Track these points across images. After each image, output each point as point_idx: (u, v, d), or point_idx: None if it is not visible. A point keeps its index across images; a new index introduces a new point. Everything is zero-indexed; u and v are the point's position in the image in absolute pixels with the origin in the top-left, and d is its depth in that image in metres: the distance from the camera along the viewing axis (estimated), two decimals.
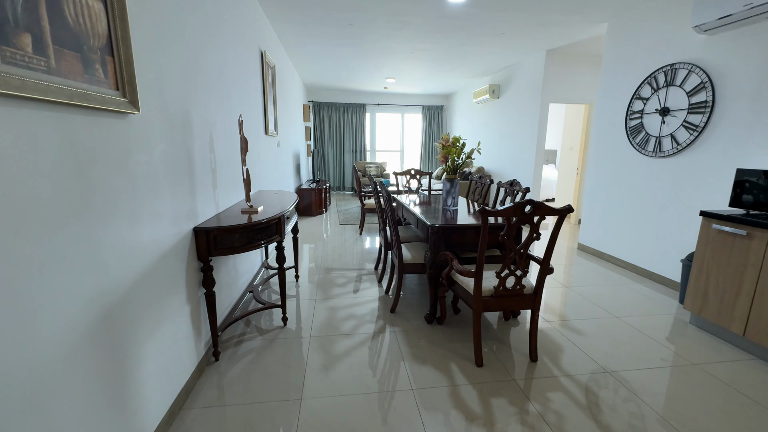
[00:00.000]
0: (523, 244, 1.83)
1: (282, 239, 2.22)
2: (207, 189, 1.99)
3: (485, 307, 1.92)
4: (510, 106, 5.85)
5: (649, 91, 3.22)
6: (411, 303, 2.74)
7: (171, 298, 1.55)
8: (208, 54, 2.02)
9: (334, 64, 5.88)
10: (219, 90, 2.20)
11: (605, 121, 3.79)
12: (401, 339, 2.22)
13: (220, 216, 2.08)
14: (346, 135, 8.91)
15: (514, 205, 1.70)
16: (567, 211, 1.75)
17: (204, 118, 1.95)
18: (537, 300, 1.96)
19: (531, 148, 5.22)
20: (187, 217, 1.71)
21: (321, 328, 2.35)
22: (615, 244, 3.69)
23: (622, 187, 3.58)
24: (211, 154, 2.05)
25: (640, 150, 3.32)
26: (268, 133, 3.62)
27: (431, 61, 5.53)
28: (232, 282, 2.45)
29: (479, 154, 2.87)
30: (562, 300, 2.83)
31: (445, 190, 2.88)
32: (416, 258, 2.52)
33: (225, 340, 2.20)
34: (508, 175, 5.94)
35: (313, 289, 2.97)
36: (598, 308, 2.68)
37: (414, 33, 4.21)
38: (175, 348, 1.59)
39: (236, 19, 2.62)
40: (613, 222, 3.70)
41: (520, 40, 4.44)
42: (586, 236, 4.12)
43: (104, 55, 1.11)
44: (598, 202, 3.92)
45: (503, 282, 1.89)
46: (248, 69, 2.96)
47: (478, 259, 1.82)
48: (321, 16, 3.70)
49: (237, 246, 1.90)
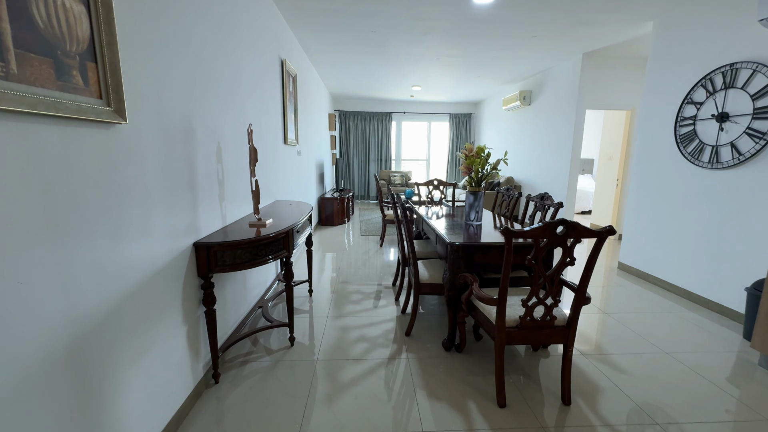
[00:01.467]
0: (554, 269, 1.59)
1: (290, 255, 2.10)
2: (212, 201, 1.90)
3: (509, 339, 1.69)
4: (542, 113, 5.53)
5: (704, 94, 2.86)
6: (429, 325, 2.53)
7: (163, 319, 1.45)
8: (217, 61, 1.95)
9: (358, 73, 5.82)
10: (230, 98, 2.13)
11: (651, 129, 3.43)
12: (415, 368, 2.01)
13: (227, 229, 1.99)
14: (371, 144, 8.84)
15: (543, 226, 1.48)
16: (607, 234, 1.50)
17: (211, 128, 1.87)
18: (571, 334, 1.70)
19: (565, 157, 4.87)
20: (186, 232, 1.62)
21: (330, 350, 2.19)
22: (662, 265, 3.29)
23: (671, 201, 3.20)
24: (218, 165, 1.97)
25: (693, 160, 2.95)
26: (287, 143, 3.56)
27: (458, 67, 5.33)
28: (240, 297, 2.35)
29: (506, 165, 2.64)
30: (599, 328, 2.52)
31: (468, 204, 2.67)
32: (434, 277, 2.32)
33: (230, 359, 2.09)
34: (540, 187, 5.59)
35: (327, 305, 2.83)
36: (643, 340, 2.35)
37: (439, 38, 4.05)
38: (167, 372, 1.48)
39: (253, 28, 2.58)
40: (660, 240, 3.31)
41: (553, 43, 4.16)
42: (628, 255, 3.74)
43: (85, 60, 1.03)
44: (642, 216, 3.54)
45: (530, 312, 1.66)
46: (266, 77, 2.91)
47: (501, 284, 1.60)
48: (342, 24, 3.63)
49: (239, 262, 1.79)
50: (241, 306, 2.37)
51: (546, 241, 1.52)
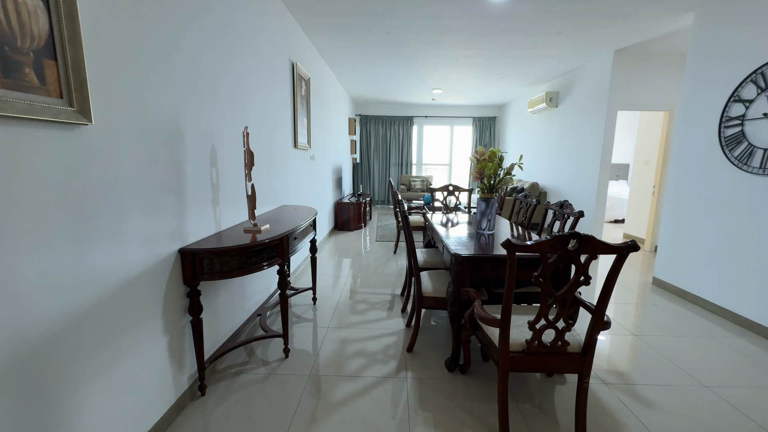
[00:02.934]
0: (566, 290, 1.39)
1: (284, 262, 2.01)
2: (203, 206, 1.84)
3: (513, 365, 1.50)
4: (570, 116, 5.20)
5: (754, 91, 2.53)
6: (435, 340, 2.36)
7: (138, 328, 1.38)
8: (215, 65, 1.91)
9: (377, 76, 5.74)
10: (229, 102, 2.08)
11: (690, 130, 3.10)
12: (413, 390, 1.85)
13: (222, 235, 1.93)
14: (392, 148, 8.74)
15: (552, 239, 1.29)
16: (629, 250, 1.29)
17: (204, 131, 1.82)
18: (586, 362, 1.49)
19: (594, 162, 4.53)
20: (169, 238, 1.56)
21: (325, 364, 2.07)
22: (704, 283, 2.94)
23: (715, 211, 2.85)
24: (212, 169, 1.92)
25: (741, 165, 2.61)
26: (297, 147, 3.51)
27: (479, 68, 5.13)
28: (237, 304, 2.29)
29: (521, 169, 2.44)
30: (627, 353, 2.25)
31: (479, 211, 2.48)
32: (438, 290, 2.15)
33: (222, 368, 2.02)
34: (567, 193, 5.25)
35: (329, 315, 2.72)
36: (679, 370, 2.06)
37: (457, 38, 3.89)
38: (143, 384, 1.42)
39: (258, 31, 2.54)
40: (702, 254, 2.96)
41: (581, 40, 3.89)
42: (663, 269, 3.38)
43: (41, 57, 0.97)
44: (680, 227, 3.19)
45: (538, 336, 1.46)
46: (274, 81, 2.87)
47: (504, 303, 1.42)
48: (354, 25, 3.55)
49: (227, 270, 1.71)
50: (238, 314, 2.30)
51: (556, 256, 1.33)
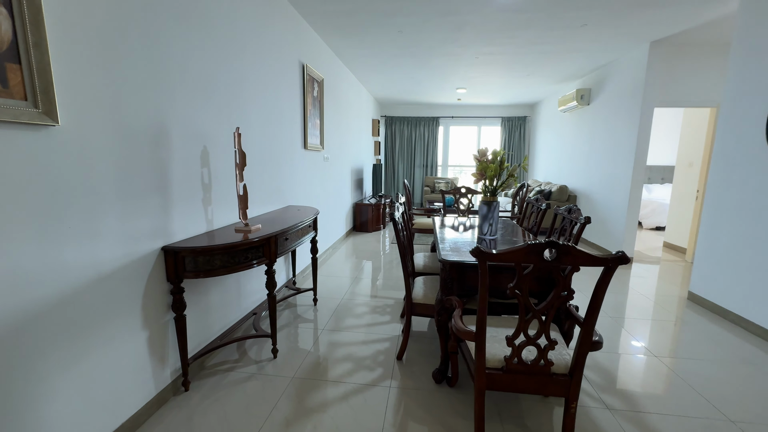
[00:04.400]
0: (546, 303, 1.26)
1: (271, 262, 2.01)
2: (193, 205, 1.88)
3: (490, 383, 1.38)
4: (602, 114, 4.84)
5: None
6: (428, 349, 2.25)
7: (112, 324, 1.42)
8: (208, 64, 1.95)
9: (398, 77, 5.68)
10: (224, 101, 2.12)
11: (733, 128, 2.75)
12: (394, 401, 1.77)
13: (212, 234, 1.97)
14: (417, 149, 8.63)
15: (526, 247, 1.17)
16: (616, 262, 1.14)
17: (194, 131, 1.86)
18: (573, 385, 1.34)
19: (627, 163, 4.17)
20: (151, 236, 1.60)
21: (311, 367, 2.05)
22: (747, 301, 2.59)
23: (760, 219, 2.50)
24: (203, 169, 1.96)
25: None
26: (307, 148, 3.53)
27: (501, 66, 4.91)
28: (231, 302, 2.32)
29: (525, 171, 2.27)
30: (641, 376, 2.02)
31: (480, 215, 2.35)
32: (428, 297, 2.05)
33: (212, 365, 2.06)
34: (598, 197, 4.88)
35: (327, 317, 2.70)
36: (702, 400, 1.81)
37: (474, 34, 3.74)
38: (118, 378, 1.46)
39: (263, 32, 2.57)
40: (745, 267, 2.61)
41: (611, 32, 3.59)
42: (700, 283, 3.03)
43: (3, 62, 1.02)
44: (720, 238, 2.84)
45: (518, 352, 1.34)
46: (280, 82, 2.90)
47: (479, 315, 1.31)
48: (367, 25, 3.52)
49: (210, 269, 1.73)
50: (232, 311, 2.33)
51: (533, 267, 1.20)
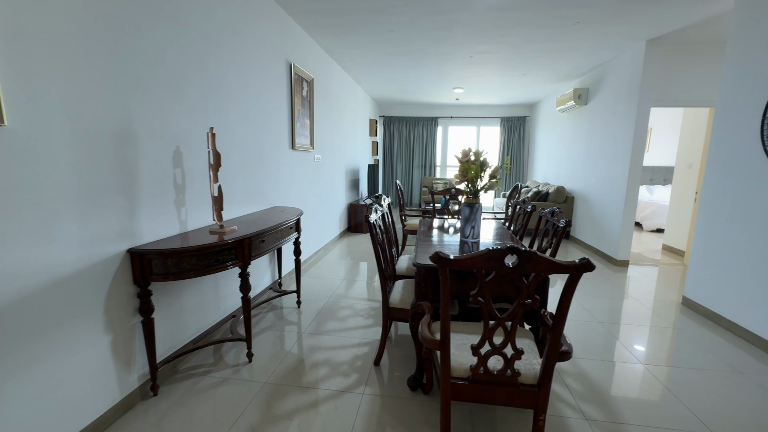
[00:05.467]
0: (511, 311, 1.20)
1: (245, 265, 1.97)
2: (164, 206, 1.85)
3: (456, 394, 1.33)
4: (600, 114, 4.75)
5: None
6: (408, 354, 2.20)
7: (70, 327, 1.39)
8: (182, 64, 1.91)
9: (393, 76, 5.63)
10: (200, 101, 2.09)
11: (728, 128, 2.67)
12: (365, 409, 1.72)
13: (187, 236, 1.93)
14: (415, 149, 8.57)
15: (486, 253, 1.12)
16: (581, 269, 1.08)
17: (165, 130, 1.83)
18: (541, 397, 1.28)
19: (624, 164, 4.09)
20: (116, 238, 1.57)
21: (285, 372, 2.01)
22: (741, 307, 2.51)
23: (754, 224, 2.42)
24: (175, 170, 1.93)
25: None
26: (295, 148, 3.50)
27: (496, 65, 4.84)
28: (209, 305, 2.29)
29: (506, 172, 2.22)
30: (626, 384, 1.95)
31: (463, 218, 2.29)
32: (405, 302, 2.00)
33: (185, 369, 2.02)
34: (596, 198, 4.80)
35: (309, 320, 2.66)
36: (686, 411, 1.75)
37: (465, 33, 3.68)
38: (75, 383, 1.42)
39: (244, 31, 2.54)
40: (739, 272, 2.53)
41: (605, 30, 3.51)
42: (694, 288, 2.95)
43: None
44: (714, 242, 2.76)
45: (483, 362, 1.28)
46: (264, 81, 2.87)
47: (442, 324, 1.26)
48: (355, 24, 3.47)
49: (179, 272, 1.70)
50: (209, 314, 2.30)
51: (495, 273, 1.15)
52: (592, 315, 2.81)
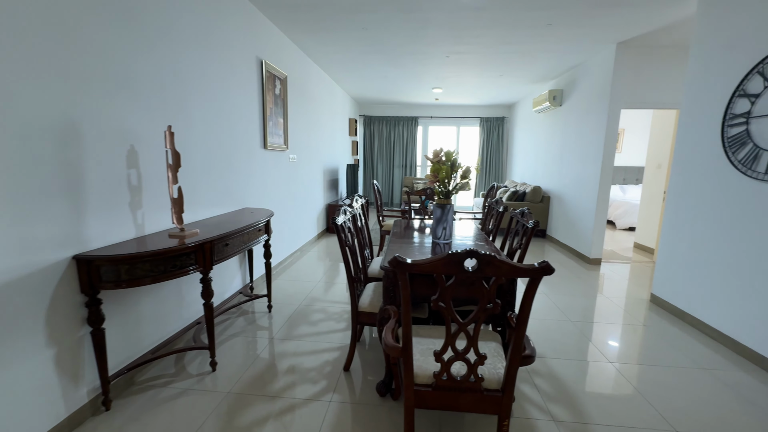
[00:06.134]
0: (473, 316, 1.17)
1: (206, 270, 1.88)
2: (117, 209, 1.74)
3: (420, 401, 1.29)
4: (574, 115, 4.84)
5: (761, 84, 2.18)
6: (380, 358, 2.16)
7: (4, 342, 1.28)
8: (137, 60, 1.81)
9: (371, 75, 5.58)
10: (158, 98, 1.98)
11: (692, 130, 2.74)
12: (331, 417, 1.67)
13: (144, 240, 1.83)
14: (396, 149, 8.55)
15: (445, 257, 1.08)
16: (541, 273, 1.06)
17: (118, 129, 1.72)
18: (504, 402, 1.26)
19: (596, 164, 4.17)
20: (59, 243, 1.46)
21: (250, 381, 1.93)
22: (704, 304, 2.58)
23: (716, 223, 2.49)
24: (130, 170, 1.82)
25: (745, 170, 2.26)
26: (267, 147, 3.40)
27: (473, 66, 4.86)
28: (171, 312, 2.18)
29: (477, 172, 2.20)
30: (596, 385, 1.96)
31: (435, 218, 2.27)
32: (374, 305, 1.96)
33: (143, 380, 1.92)
34: (570, 198, 4.88)
35: (280, 325, 2.58)
36: (651, 409, 1.77)
37: (439, 33, 3.66)
38: (10, 401, 1.31)
39: (209, 26, 2.44)
40: (702, 270, 2.60)
41: (576, 32, 3.56)
42: (662, 286, 3.02)
43: None
44: (679, 241, 2.83)
45: (447, 368, 1.25)
46: (232, 78, 2.77)
47: (404, 330, 1.22)
48: (329, 21, 3.40)
49: (132, 278, 1.60)
50: (171, 322, 2.19)
51: (455, 278, 1.12)
52: (565, 314, 2.84)
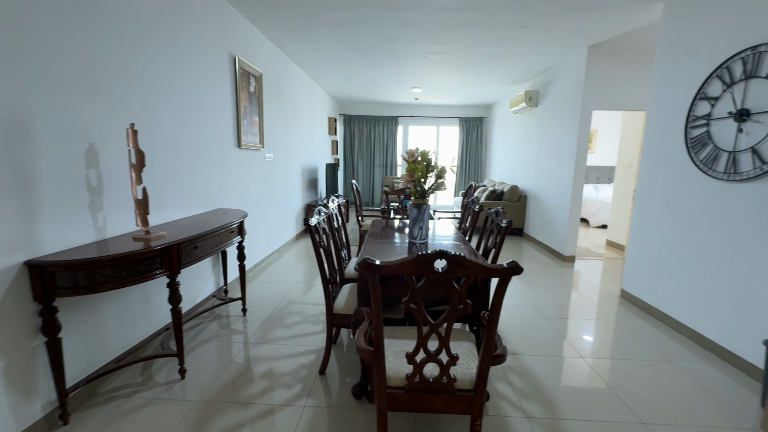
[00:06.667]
0: (444, 317, 1.17)
1: (174, 274, 1.80)
2: (75, 211, 1.65)
3: (392, 404, 1.27)
4: (549, 116, 4.95)
5: (719, 87, 2.28)
6: (357, 361, 2.14)
7: None
8: (94, 51, 1.71)
9: (350, 74, 5.54)
10: (120, 95, 1.88)
11: (658, 131, 2.84)
12: (306, 422, 1.63)
13: (106, 243, 1.74)
14: (376, 149, 8.53)
15: (415, 258, 1.07)
16: (510, 273, 1.06)
17: (74, 126, 1.62)
18: (476, 402, 1.26)
19: (570, 163, 4.28)
20: (7, 249, 1.36)
21: (222, 387, 1.86)
22: (670, 299, 2.68)
23: (680, 221, 2.59)
24: (89, 170, 1.72)
25: (706, 170, 2.36)
26: (242, 146, 3.31)
27: (452, 66, 4.90)
28: (137, 318, 2.09)
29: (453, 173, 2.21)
30: (566, 379, 2.01)
31: (411, 218, 2.26)
32: (350, 307, 1.93)
33: (107, 391, 1.82)
34: (546, 197, 4.99)
35: (255, 328, 2.51)
36: (619, 402, 1.82)
37: (417, 33, 3.67)
38: None
39: (176, 20, 2.34)
40: (668, 266, 2.70)
41: (550, 34, 3.64)
42: (631, 281, 3.12)
43: None
44: (647, 238, 2.94)
45: (419, 369, 1.24)
46: (203, 75, 2.67)
47: (375, 333, 1.20)
48: (304, 18, 3.34)
49: (91, 284, 1.51)
50: (137, 329, 2.10)
51: (425, 279, 1.11)
52: (540, 311, 2.90)
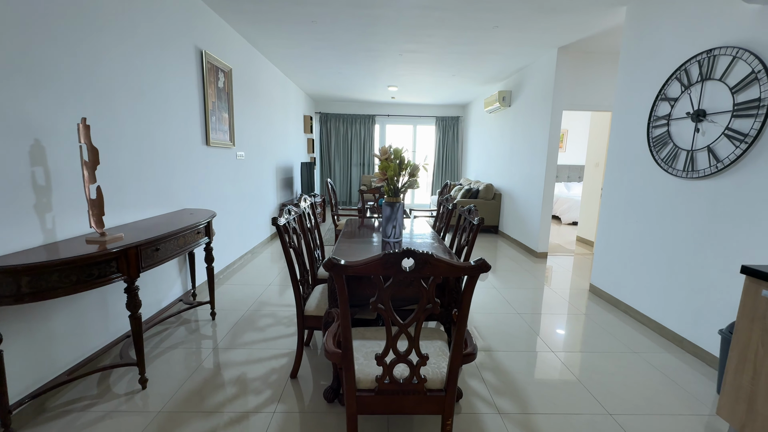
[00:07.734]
0: (413, 317, 1.15)
1: (132, 278, 1.70)
2: (18, 213, 1.52)
3: (362, 407, 1.25)
4: (521, 115, 5.05)
5: (678, 88, 2.38)
6: (330, 364, 2.09)
7: None
8: (37, 41, 1.58)
9: (325, 71, 5.45)
10: (69, 87, 1.76)
11: (623, 131, 2.94)
12: (275, 429, 1.58)
13: (56, 247, 1.61)
14: (353, 147, 8.46)
15: (382, 257, 1.04)
16: (477, 270, 1.06)
17: (15, 121, 1.50)
18: (447, 401, 1.25)
19: (541, 162, 4.38)
20: None
21: (186, 397, 1.78)
22: (635, 292, 2.78)
23: (643, 216, 2.70)
24: (35, 168, 1.59)
25: (667, 168, 2.46)
26: (210, 144, 3.19)
27: (427, 65, 4.91)
28: (93, 326, 1.96)
29: (425, 171, 2.21)
30: (537, 373, 2.04)
31: (384, 217, 2.23)
32: (321, 308, 1.89)
33: (59, 405, 1.70)
34: (519, 194, 5.09)
35: (224, 333, 2.42)
36: (587, 394, 1.86)
37: (390, 30, 3.64)
38: None
39: (134, 8, 2.21)
40: (633, 261, 2.80)
41: (521, 35, 3.71)
42: (599, 276, 3.23)
43: None
44: (614, 234, 3.04)
45: (389, 371, 1.21)
46: (167, 69, 2.54)
47: (343, 335, 1.17)
48: (275, 12, 3.25)
49: (36, 291, 1.40)
50: (93, 337, 1.97)
51: (393, 278, 1.08)
52: (513, 307, 2.94)
